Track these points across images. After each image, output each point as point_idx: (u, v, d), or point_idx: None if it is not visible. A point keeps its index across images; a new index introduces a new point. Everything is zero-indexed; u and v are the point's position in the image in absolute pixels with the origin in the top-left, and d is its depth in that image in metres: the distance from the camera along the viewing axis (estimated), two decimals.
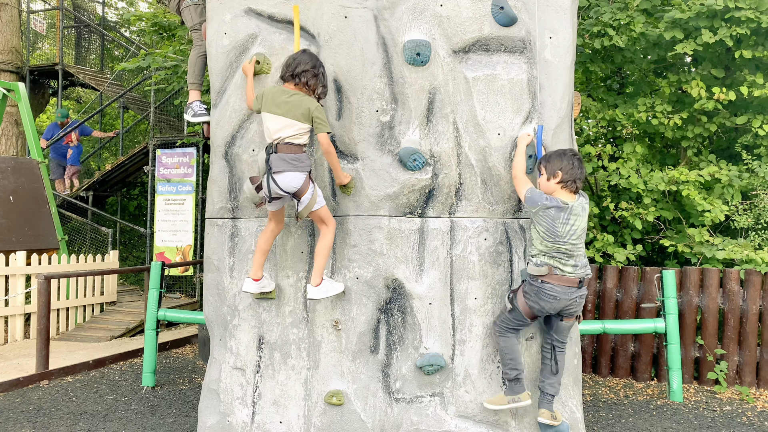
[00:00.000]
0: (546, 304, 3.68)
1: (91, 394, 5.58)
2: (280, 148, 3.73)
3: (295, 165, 3.72)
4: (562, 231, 3.62)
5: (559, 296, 3.63)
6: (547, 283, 3.65)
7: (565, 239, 3.62)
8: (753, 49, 6.52)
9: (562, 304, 3.68)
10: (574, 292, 3.66)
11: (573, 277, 3.64)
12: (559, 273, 3.64)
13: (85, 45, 14.51)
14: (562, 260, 3.63)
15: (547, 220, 3.63)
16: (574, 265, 3.65)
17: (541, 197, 3.66)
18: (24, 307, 7.82)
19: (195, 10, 5.09)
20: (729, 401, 5.56)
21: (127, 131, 13.73)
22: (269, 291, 4.11)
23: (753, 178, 6.52)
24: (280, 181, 3.71)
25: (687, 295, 6.00)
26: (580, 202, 3.70)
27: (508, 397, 3.80)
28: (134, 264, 13.07)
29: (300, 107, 3.71)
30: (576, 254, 3.66)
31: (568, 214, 3.63)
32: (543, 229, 3.65)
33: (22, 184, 8.69)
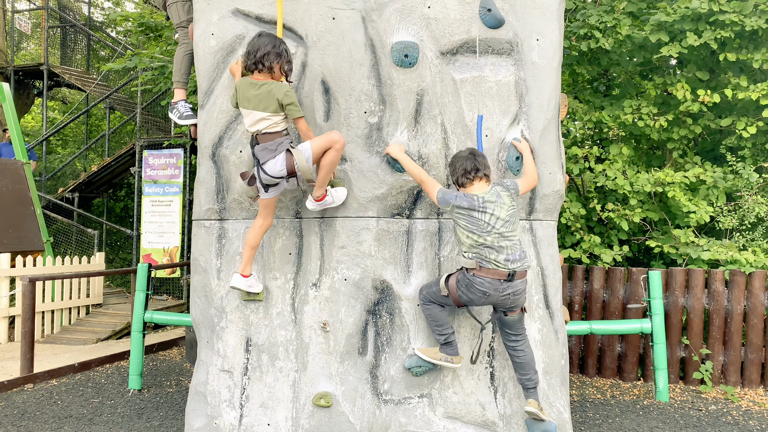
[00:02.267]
0: (475, 298, 3.63)
1: (76, 397, 5.53)
2: (260, 139, 3.73)
3: (273, 150, 3.70)
4: (481, 222, 3.57)
5: (488, 291, 3.58)
6: (478, 277, 3.59)
7: (488, 230, 3.56)
8: (737, 52, 6.59)
9: (492, 300, 3.63)
10: (507, 287, 3.59)
11: (504, 270, 3.57)
12: (491, 266, 3.57)
13: (70, 45, 14.38)
14: (493, 253, 3.57)
15: (463, 216, 3.61)
16: (506, 258, 3.58)
17: (452, 196, 3.64)
18: (8, 310, 7.74)
19: (182, 7, 5.01)
20: (714, 401, 5.61)
21: (114, 132, 13.62)
22: (257, 292, 4.10)
23: (737, 179, 6.59)
24: (269, 170, 3.71)
25: (673, 296, 6.05)
26: (494, 191, 3.63)
27: (442, 354, 3.79)
28: (121, 266, 12.97)
29: (269, 99, 3.64)
30: (506, 246, 3.58)
31: (482, 204, 3.58)
32: (464, 226, 3.61)
33: (7, 186, 8.60)
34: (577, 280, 6.38)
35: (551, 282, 4.15)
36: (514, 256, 3.59)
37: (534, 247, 4.12)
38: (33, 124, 17.51)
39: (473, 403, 3.95)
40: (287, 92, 3.65)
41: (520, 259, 3.62)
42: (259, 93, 3.66)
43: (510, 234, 3.60)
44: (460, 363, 3.82)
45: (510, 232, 3.60)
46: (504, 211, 3.59)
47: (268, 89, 3.65)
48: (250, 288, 4.04)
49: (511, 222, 3.60)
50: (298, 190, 4.07)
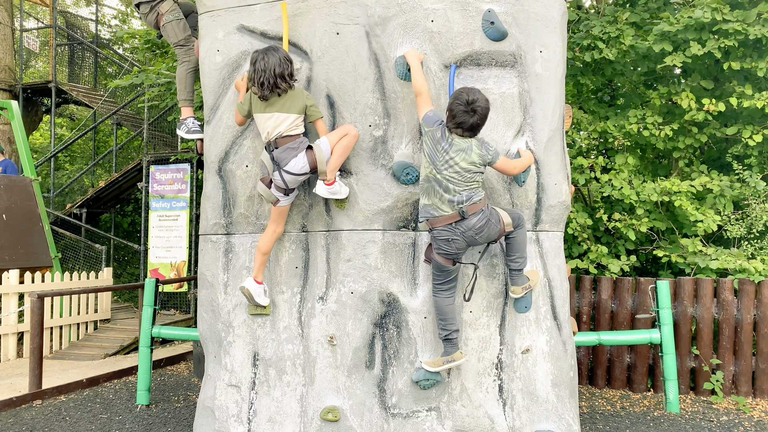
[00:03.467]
0: (447, 247, 3.69)
1: (84, 413, 5.53)
2: (281, 142, 3.82)
3: (295, 149, 3.81)
4: (440, 158, 3.61)
5: (450, 237, 3.65)
6: (434, 230, 3.68)
7: (442, 168, 3.61)
8: (741, 60, 6.59)
9: (461, 244, 3.68)
10: (464, 225, 3.64)
11: (452, 212, 3.63)
12: (437, 214, 3.65)
13: (78, 62, 14.53)
14: (439, 195, 3.62)
15: (431, 143, 3.65)
16: (450, 200, 3.62)
17: (435, 122, 3.67)
18: (17, 326, 7.77)
19: (178, 25, 4.90)
20: (726, 411, 5.55)
21: (121, 148, 13.72)
22: (264, 305, 4.10)
23: (744, 187, 6.56)
24: (291, 168, 3.80)
25: (681, 306, 6.01)
26: (469, 143, 3.63)
27: (443, 358, 3.80)
28: (128, 281, 13.01)
29: (294, 101, 3.81)
30: (453, 189, 3.62)
31: (449, 144, 3.61)
32: (428, 150, 3.67)
33: (15, 202, 8.66)
34: (584, 290, 6.35)
35: (559, 293, 4.14)
36: (460, 198, 3.64)
37: (541, 258, 4.11)
38: (41, 140, 17.66)
39: (482, 416, 3.93)
40: (308, 95, 3.89)
41: (468, 199, 3.65)
42: (286, 94, 3.80)
43: (461, 183, 3.62)
44: (462, 358, 3.81)
45: (462, 182, 3.62)
46: (464, 162, 3.62)
47: (292, 94, 3.83)
48: (258, 297, 4.05)
49: (467, 176, 3.62)
50: (305, 204, 4.09)
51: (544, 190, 4.07)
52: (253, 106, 3.89)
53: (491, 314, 4.00)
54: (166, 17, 4.90)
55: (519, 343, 4.02)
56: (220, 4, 4.25)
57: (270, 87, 3.74)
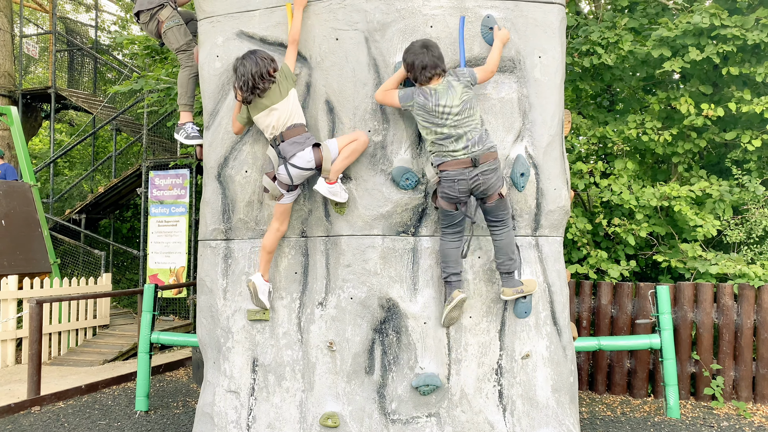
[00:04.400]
0: (450, 190, 3.71)
1: (83, 419, 5.51)
2: (286, 135, 3.85)
3: (302, 143, 3.84)
4: (435, 114, 3.66)
5: (456, 178, 3.67)
6: (444, 171, 3.71)
7: (443, 120, 3.65)
8: (740, 65, 6.60)
9: (465, 186, 3.70)
10: (472, 172, 3.67)
11: (464, 157, 3.66)
12: (450, 159, 3.68)
13: (77, 68, 14.55)
14: (452, 144, 3.66)
15: (422, 111, 3.69)
16: (464, 146, 3.65)
17: (409, 93, 3.72)
18: (15, 332, 7.75)
19: (179, 31, 4.94)
20: (726, 417, 5.54)
21: (120, 153, 13.73)
22: (265, 305, 4.09)
23: (743, 192, 6.56)
24: (297, 162, 3.82)
25: (681, 311, 6.00)
26: (446, 81, 3.69)
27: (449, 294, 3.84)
28: (127, 286, 12.99)
29: (281, 86, 3.86)
30: (464, 133, 3.66)
31: (435, 96, 3.66)
32: (422, 120, 3.71)
33: (14, 208, 8.66)
34: (584, 295, 6.34)
35: (558, 298, 4.13)
36: (472, 141, 3.67)
37: (540, 264, 4.11)
38: (41, 146, 17.67)
39: (482, 421, 3.92)
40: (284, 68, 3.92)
41: (480, 142, 3.69)
42: (273, 87, 3.84)
43: (466, 121, 3.67)
44: (459, 296, 3.82)
45: (466, 118, 3.67)
46: (456, 99, 3.66)
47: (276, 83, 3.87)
48: (262, 294, 4.05)
49: (466, 108, 3.67)
50: (304, 209, 4.08)
51: (543, 195, 4.07)
52: (250, 112, 3.93)
53: (491, 319, 4.00)
54: (166, 24, 4.95)
55: (519, 349, 4.01)
56: (219, 9, 4.26)
57: (250, 89, 3.83)
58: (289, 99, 3.87)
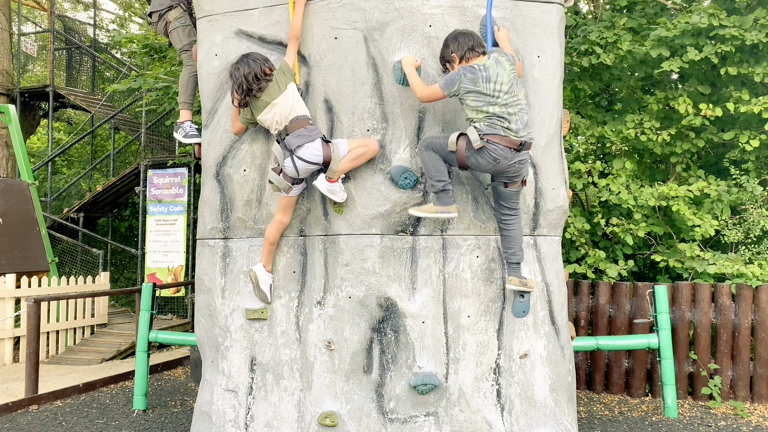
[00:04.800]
0: (485, 163, 3.64)
1: (81, 418, 5.51)
2: (290, 128, 3.84)
3: (309, 135, 3.82)
4: (487, 90, 3.56)
5: (499, 158, 3.60)
6: (492, 143, 3.59)
7: (495, 97, 3.57)
8: (738, 65, 6.61)
9: (500, 167, 3.64)
10: (515, 156, 3.63)
11: (516, 138, 3.60)
12: (503, 133, 3.59)
13: (76, 67, 14.52)
14: (504, 122, 3.58)
15: (470, 87, 3.58)
16: (516, 127, 3.61)
17: (454, 75, 3.63)
18: (13, 331, 7.74)
19: (183, 31, 5.10)
20: (724, 416, 5.55)
21: (119, 152, 13.70)
22: (267, 298, 4.10)
23: (741, 192, 6.57)
24: (304, 155, 3.80)
25: (679, 310, 6.01)
26: (492, 57, 3.65)
27: (437, 207, 3.76)
28: (125, 285, 12.98)
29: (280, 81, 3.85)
30: (514, 113, 3.60)
31: (485, 69, 3.59)
32: (472, 100, 3.59)
33: (12, 206, 8.64)
34: (582, 295, 6.35)
35: (556, 297, 4.14)
36: (522, 123, 3.63)
37: (538, 263, 4.11)
38: (39, 145, 17.64)
39: (480, 421, 3.92)
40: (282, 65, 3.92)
41: (527, 127, 3.67)
42: (271, 84, 3.86)
43: (515, 100, 3.62)
44: (456, 212, 3.79)
45: (514, 97, 3.62)
46: (506, 74, 3.61)
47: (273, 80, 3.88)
48: (264, 285, 4.06)
49: (513, 85, 3.63)
50: (303, 208, 4.08)
51: (541, 194, 4.07)
52: (253, 113, 3.95)
53: (489, 319, 4.00)
54: (173, 24, 5.15)
55: (517, 348, 4.01)
56: (218, 8, 4.26)
57: (245, 91, 3.87)
58: (289, 92, 3.86)
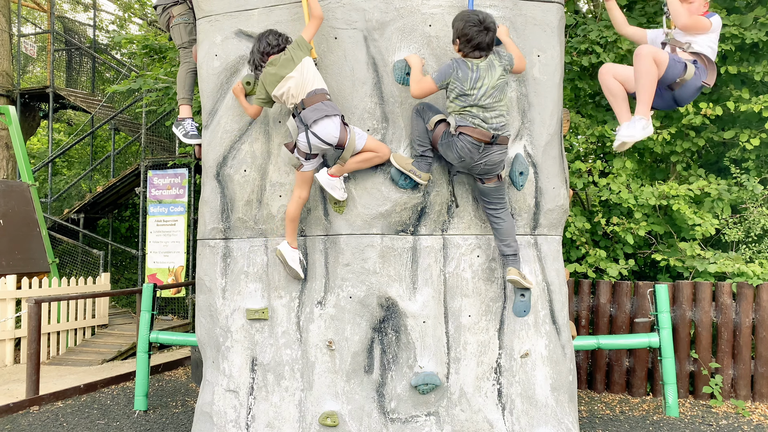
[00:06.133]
0: (452, 158, 3.70)
1: (82, 419, 5.51)
2: (307, 102, 3.76)
3: (327, 110, 3.73)
4: (470, 89, 3.60)
5: (464, 157, 3.64)
6: (460, 140, 3.63)
7: (476, 100, 3.60)
8: (738, 64, 6.61)
9: (465, 165, 3.69)
10: (485, 152, 3.64)
11: (488, 131, 3.61)
12: (473, 126, 3.61)
13: (76, 68, 14.53)
14: (481, 113, 3.61)
15: (458, 83, 3.61)
16: (489, 126, 3.62)
17: (447, 68, 3.65)
18: (14, 332, 7.74)
19: (185, 28, 5.07)
20: (725, 415, 5.55)
21: (119, 153, 13.71)
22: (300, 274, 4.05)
23: (742, 191, 6.57)
24: (319, 132, 3.73)
25: (680, 309, 6.01)
26: (489, 60, 3.65)
27: (413, 166, 3.82)
28: (126, 286, 12.98)
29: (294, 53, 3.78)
30: (492, 118, 3.62)
31: (477, 73, 3.60)
32: (455, 93, 3.63)
33: (13, 207, 8.64)
34: (583, 294, 6.35)
35: (557, 297, 4.14)
36: (498, 124, 3.65)
37: (539, 262, 4.11)
38: (39, 146, 17.64)
39: (481, 420, 3.92)
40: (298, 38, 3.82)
41: (503, 127, 3.67)
42: (285, 58, 3.79)
43: (497, 103, 3.64)
44: (427, 181, 3.84)
45: (497, 101, 3.64)
46: (494, 79, 3.63)
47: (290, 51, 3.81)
48: (293, 262, 3.98)
49: (499, 90, 3.64)
50: (303, 208, 4.07)
51: (542, 194, 4.07)
52: (267, 89, 3.87)
53: (490, 318, 4.00)
54: (175, 20, 5.12)
55: (518, 348, 4.01)
56: (218, 8, 4.26)
57: (255, 65, 3.89)
58: (304, 65, 3.77)
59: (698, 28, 4.03)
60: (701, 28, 4.04)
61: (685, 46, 4.10)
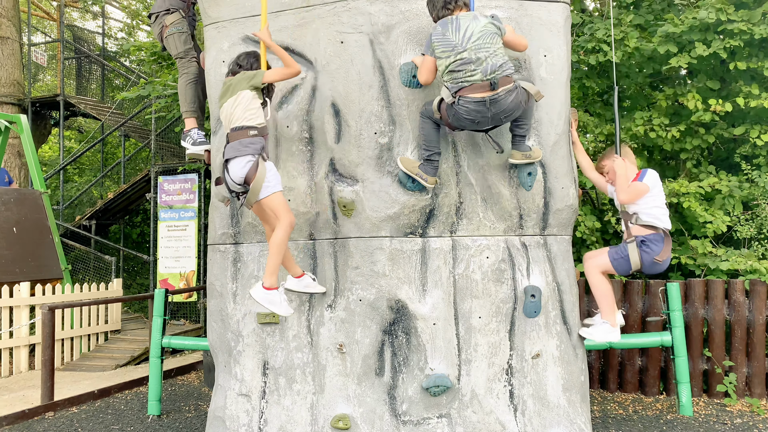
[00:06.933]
0: (466, 123, 3.64)
1: (96, 424, 5.55)
2: (230, 137, 3.61)
3: (241, 149, 3.52)
4: (456, 39, 3.55)
5: (476, 119, 3.56)
6: (462, 100, 3.53)
7: (464, 44, 3.54)
8: (747, 60, 6.56)
9: (483, 125, 3.63)
10: (497, 106, 3.51)
11: (483, 82, 3.50)
12: (467, 84, 3.52)
13: (85, 75, 14.65)
14: (470, 66, 3.52)
15: (440, 39, 3.59)
16: (484, 70, 3.52)
17: (430, 35, 3.66)
18: (29, 338, 7.81)
19: (179, 38, 4.95)
20: (740, 414, 5.50)
21: (129, 159, 13.81)
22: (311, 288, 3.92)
23: (753, 188, 6.52)
24: (231, 170, 3.55)
25: (692, 308, 5.97)
26: (471, 15, 3.62)
27: (419, 170, 3.82)
28: (138, 291, 13.06)
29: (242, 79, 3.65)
30: (484, 59, 3.51)
31: (456, 23, 3.57)
32: (441, 49, 3.59)
33: (26, 215, 8.73)
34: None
35: (568, 297, 4.13)
36: (493, 66, 3.53)
37: (549, 263, 4.10)
38: (50, 153, 17.79)
39: (493, 422, 3.92)
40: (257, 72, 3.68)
41: (501, 68, 3.54)
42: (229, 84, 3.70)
43: (487, 45, 3.54)
44: (433, 184, 3.83)
45: (487, 44, 3.55)
46: (479, 26, 3.56)
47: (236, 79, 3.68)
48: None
49: (486, 35, 3.55)
50: (312, 212, 4.09)
51: (551, 194, 4.07)
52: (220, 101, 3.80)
53: (500, 319, 3.99)
54: (169, 30, 4.98)
55: (529, 348, 4.00)
56: (224, 15, 4.29)
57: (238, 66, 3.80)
58: (238, 98, 3.61)
59: (638, 195, 4.16)
60: (640, 194, 4.16)
61: (634, 218, 4.22)
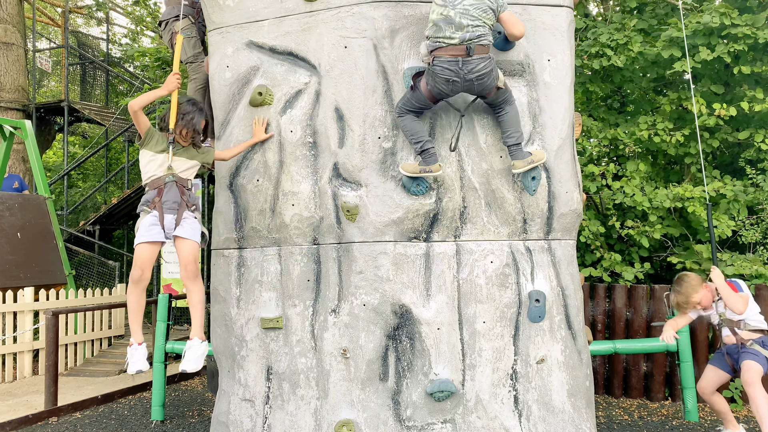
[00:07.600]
0: (444, 87, 3.65)
1: (100, 429, 5.54)
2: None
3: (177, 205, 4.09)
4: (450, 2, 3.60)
5: (451, 78, 3.60)
6: (437, 64, 3.60)
7: (455, 3, 3.59)
8: (751, 64, 6.55)
9: (459, 87, 3.65)
10: (468, 66, 3.58)
11: (459, 45, 3.57)
12: (444, 45, 3.59)
13: (90, 81, 14.71)
14: (450, 28, 3.58)
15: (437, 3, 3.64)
16: (461, 36, 3.57)
17: None
18: (32, 344, 7.81)
19: (188, 43, 5.02)
20: (745, 419, 5.47)
21: (133, 165, 13.83)
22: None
23: (758, 192, 6.50)
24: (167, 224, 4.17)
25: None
26: None
27: (421, 167, 3.80)
28: None
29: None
30: (467, 24, 3.57)
31: None
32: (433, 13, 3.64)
33: (30, 220, 8.74)
34: (599, 299, 6.30)
35: (572, 302, 4.11)
36: (472, 35, 3.59)
37: (553, 267, 4.09)
38: (54, 159, 17.84)
39: (497, 427, 3.90)
40: None
41: (479, 37, 3.60)
42: None
43: (475, 15, 3.59)
44: (440, 171, 3.81)
45: (476, 15, 3.59)
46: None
47: None
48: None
49: (480, 7, 3.60)
50: (315, 216, 4.08)
51: (555, 198, 4.06)
52: None
53: (505, 324, 3.98)
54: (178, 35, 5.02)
55: (534, 353, 3.99)
56: (228, 20, 4.30)
57: None
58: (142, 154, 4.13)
59: (746, 304, 4.38)
60: (746, 302, 4.39)
61: (741, 324, 4.44)
